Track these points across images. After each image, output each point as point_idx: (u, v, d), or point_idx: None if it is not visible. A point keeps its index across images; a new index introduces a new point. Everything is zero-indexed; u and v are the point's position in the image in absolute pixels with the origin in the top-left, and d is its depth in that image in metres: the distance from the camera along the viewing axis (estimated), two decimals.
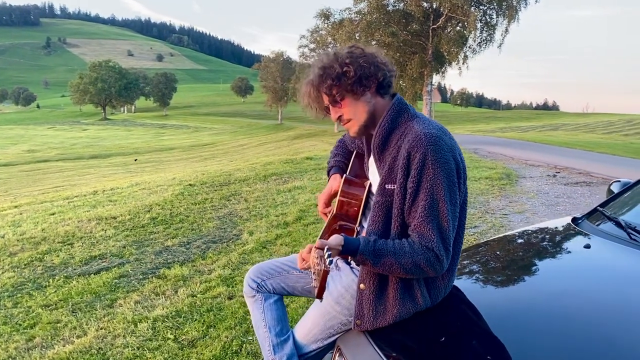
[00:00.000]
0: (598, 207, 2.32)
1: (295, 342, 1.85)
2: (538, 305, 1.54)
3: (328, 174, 2.11)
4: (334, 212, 1.82)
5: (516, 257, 1.99)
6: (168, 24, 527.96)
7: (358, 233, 1.80)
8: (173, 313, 3.81)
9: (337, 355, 1.72)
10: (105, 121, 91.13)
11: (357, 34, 22.31)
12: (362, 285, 1.66)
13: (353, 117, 1.70)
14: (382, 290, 1.64)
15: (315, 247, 1.46)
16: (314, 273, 1.40)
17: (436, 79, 24.38)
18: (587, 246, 1.85)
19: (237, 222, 6.76)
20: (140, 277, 4.72)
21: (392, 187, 1.62)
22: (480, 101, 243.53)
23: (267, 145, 38.29)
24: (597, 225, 2.13)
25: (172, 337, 3.41)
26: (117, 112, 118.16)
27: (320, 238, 1.68)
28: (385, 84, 1.69)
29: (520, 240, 2.21)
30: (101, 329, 3.60)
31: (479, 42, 21.79)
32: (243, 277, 4.50)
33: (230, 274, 4.63)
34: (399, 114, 1.68)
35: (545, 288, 1.65)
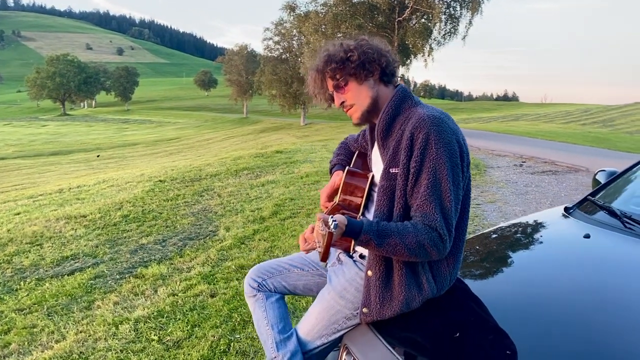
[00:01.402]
0: (588, 197, 2.36)
1: (298, 339, 1.82)
2: (550, 298, 1.55)
3: (330, 172, 2.10)
4: (337, 202, 1.80)
5: (518, 249, 2.01)
6: (128, 16, 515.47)
7: None
8: (155, 313, 3.71)
9: (345, 354, 1.69)
10: (64, 117, 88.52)
11: (324, 26, 22.25)
12: (369, 272, 1.66)
13: (356, 102, 1.71)
14: (388, 276, 1.64)
15: (317, 219, 1.45)
16: (318, 242, 1.42)
17: (402, 71, 24.53)
18: (587, 236, 1.88)
19: (212, 218, 6.66)
20: (117, 277, 4.59)
21: (396, 171, 1.62)
22: (442, 93, 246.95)
23: (233, 139, 37.92)
24: (591, 214, 2.16)
25: (156, 338, 3.32)
26: (76, 107, 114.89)
27: None
28: (389, 72, 1.72)
29: (517, 232, 2.22)
30: (81, 332, 3.48)
31: (444, 35, 22.04)
32: (224, 275, 4.47)
33: (211, 272, 4.55)
34: (403, 101, 1.70)
35: (555, 279, 1.66)
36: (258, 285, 1.97)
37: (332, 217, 1.42)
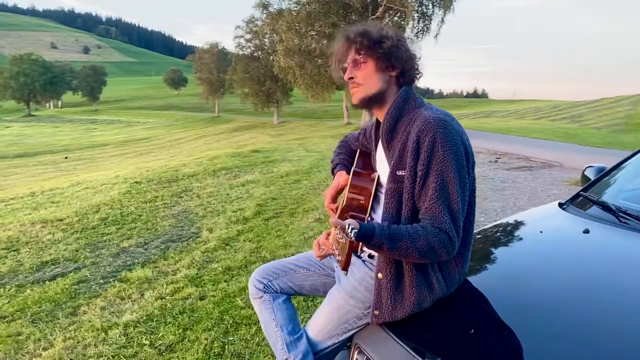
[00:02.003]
0: (581, 193, 2.41)
1: (309, 339, 1.81)
2: (562, 293, 1.58)
3: (332, 172, 2.09)
4: (344, 203, 1.80)
5: (521, 245, 2.04)
6: (94, 14, 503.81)
7: (368, 223, 1.79)
8: (144, 317, 3.65)
9: (357, 353, 1.70)
10: (29, 118, 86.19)
11: (297, 24, 22.21)
12: (379, 275, 1.66)
13: (365, 83, 1.70)
14: (399, 278, 1.64)
15: (333, 226, 1.45)
16: (336, 249, 1.40)
17: None
18: (586, 231, 1.92)
19: (194, 219, 6.58)
20: (101, 281, 4.50)
21: (403, 173, 1.63)
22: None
23: (205, 138, 37.57)
24: (585, 210, 2.21)
25: (147, 342, 3.27)
26: (42, 107, 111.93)
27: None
28: (407, 76, 1.71)
29: (518, 228, 2.26)
30: (69, 339, 3.40)
31: (417, 33, 22.27)
32: (211, 277, 4.43)
33: (197, 274, 4.50)
34: (406, 102, 1.70)
35: (563, 275, 1.69)
36: (264, 287, 1.95)
37: (349, 224, 1.41)
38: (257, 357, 3.02)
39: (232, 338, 3.26)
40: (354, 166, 2.02)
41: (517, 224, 2.33)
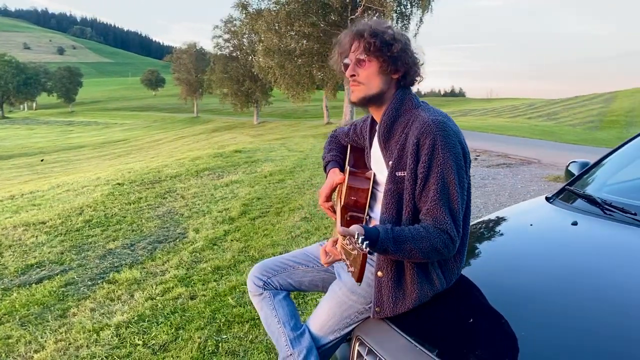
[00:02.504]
0: (566, 187, 2.50)
1: (311, 334, 1.85)
2: (555, 282, 1.65)
3: (325, 169, 2.11)
4: (342, 203, 1.83)
5: (513, 238, 2.11)
6: (68, 14, 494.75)
7: (367, 221, 1.83)
8: (135, 318, 3.66)
9: (358, 345, 1.74)
10: (3, 120, 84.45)
11: (277, 24, 22.19)
12: (379, 273, 1.69)
13: (366, 83, 1.71)
14: (399, 276, 1.68)
15: (341, 235, 1.45)
16: (347, 259, 1.40)
17: None
18: (575, 223, 2.00)
19: (179, 220, 6.57)
20: (89, 283, 4.48)
21: (403, 174, 1.66)
22: None
23: (184, 139, 37.25)
24: (571, 203, 2.29)
25: (140, 342, 3.28)
26: (16, 109, 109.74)
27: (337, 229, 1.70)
28: (409, 79, 1.74)
29: (508, 222, 2.34)
30: (60, 341, 3.39)
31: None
32: (200, 277, 4.44)
33: (186, 274, 4.51)
34: (402, 103, 1.72)
35: (555, 264, 1.76)
36: (264, 284, 1.99)
37: (357, 234, 1.40)
38: (252, 354, 3.05)
39: (225, 336, 3.29)
40: (347, 164, 2.05)
41: (508, 218, 2.40)
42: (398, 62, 1.68)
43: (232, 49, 42.20)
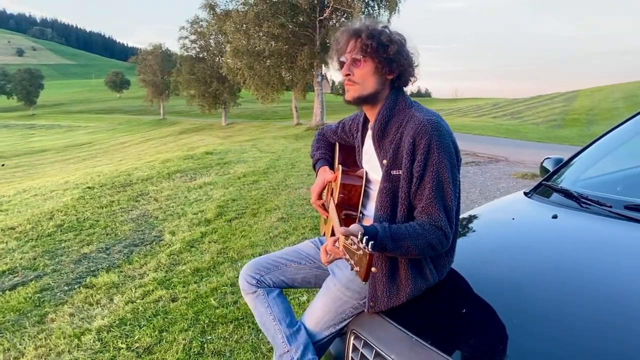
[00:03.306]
0: (543, 182, 2.59)
1: (307, 331, 1.88)
2: (541, 273, 1.72)
3: (314, 167, 2.14)
4: (336, 202, 1.87)
5: (497, 232, 2.19)
6: (27, 15, 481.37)
7: (360, 219, 1.87)
8: (117, 321, 3.62)
9: (353, 338, 1.78)
10: None
11: (245, 25, 22.09)
12: (373, 269, 1.72)
13: (360, 83, 1.74)
14: (393, 271, 1.73)
15: (342, 235, 1.47)
16: (351, 259, 1.42)
17: (323, 69, 24.85)
18: (555, 216, 2.09)
19: (154, 223, 6.50)
20: (66, 288, 4.41)
21: (398, 173, 1.70)
22: None
23: (151, 141, 36.77)
24: (549, 197, 2.39)
25: (124, 346, 3.25)
26: None
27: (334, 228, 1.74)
28: (402, 81, 1.77)
29: (489, 217, 2.41)
30: (40, 347, 3.33)
31: None
32: (180, 279, 4.42)
33: (165, 277, 4.48)
34: (396, 103, 1.77)
35: (541, 255, 1.84)
36: (257, 282, 2.00)
37: (362, 232, 1.43)
38: (238, 354, 3.06)
39: (210, 337, 3.29)
40: (337, 162, 2.09)
41: (489, 213, 2.49)
42: (393, 63, 1.71)
43: (198, 50, 41.89)
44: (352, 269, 1.42)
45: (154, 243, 5.61)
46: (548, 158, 2.97)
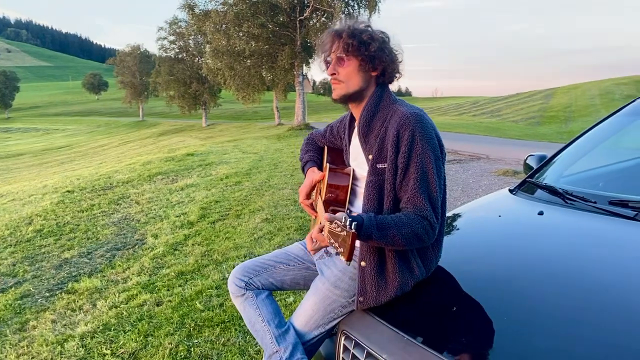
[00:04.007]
0: (527, 179, 2.62)
1: (296, 331, 1.87)
2: (530, 268, 1.74)
3: (303, 170, 2.15)
4: (324, 199, 1.87)
5: (484, 229, 2.19)
6: (1, 17, 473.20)
7: None
8: (100, 327, 3.56)
9: (344, 339, 1.78)
10: None
11: (225, 25, 21.96)
12: (362, 263, 1.74)
13: (346, 81, 1.78)
14: (381, 265, 1.74)
15: (327, 220, 1.49)
16: (335, 242, 1.44)
17: (304, 69, 24.82)
18: (541, 213, 2.11)
19: (136, 226, 6.42)
20: (47, 294, 4.32)
21: (384, 166, 1.73)
22: None
23: (130, 144, 36.30)
24: (534, 194, 2.41)
25: (109, 352, 3.20)
26: None
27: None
28: (387, 76, 1.80)
29: (476, 214, 2.42)
30: (22, 355, 3.26)
31: None
32: (164, 282, 4.37)
33: (149, 280, 4.42)
34: (381, 99, 1.80)
35: (529, 251, 1.86)
36: (245, 285, 1.99)
37: (346, 217, 1.46)
38: (225, 357, 3.03)
39: (196, 340, 3.26)
40: (326, 162, 2.09)
41: (475, 211, 2.50)
42: (376, 60, 1.75)
43: (177, 50, 41.49)
44: (336, 253, 1.44)
45: (137, 247, 5.54)
46: (531, 155, 3.00)
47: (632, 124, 2.90)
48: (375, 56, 1.74)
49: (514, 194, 2.53)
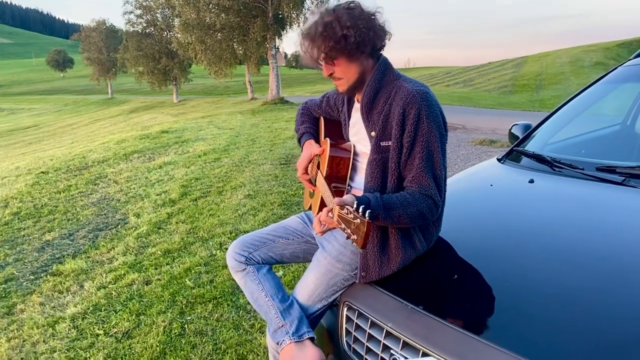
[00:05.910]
0: (514, 148, 2.67)
1: (299, 305, 1.89)
2: (526, 235, 1.80)
3: (299, 141, 2.14)
4: (324, 175, 1.87)
5: (478, 199, 2.23)
6: None
7: (348, 191, 1.89)
8: (90, 308, 3.55)
9: (346, 309, 1.81)
10: None
11: None
12: None
13: (344, 76, 1.75)
14: (384, 241, 1.76)
15: (338, 205, 1.48)
16: (348, 228, 1.43)
17: (277, 42, 24.46)
18: (531, 181, 2.16)
19: (116, 206, 6.34)
20: (31, 277, 4.28)
21: (388, 144, 1.72)
22: None
23: (100, 122, 35.47)
24: (522, 163, 2.47)
25: (101, 332, 3.20)
26: None
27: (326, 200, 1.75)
28: (379, 48, 1.77)
29: (467, 184, 2.46)
30: (13, 338, 3.24)
31: (317, 4, 22.30)
32: (151, 261, 4.36)
33: (136, 260, 4.40)
34: (384, 74, 1.77)
35: (523, 218, 1.92)
36: (245, 259, 1.99)
37: (357, 203, 1.45)
38: (220, 332, 3.06)
39: (190, 317, 3.28)
40: (323, 135, 2.09)
41: (466, 180, 2.54)
42: (360, 44, 1.68)
43: (145, 25, 40.38)
44: (348, 238, 1.44)
45: (119, 226, 5.49)
46: (516, 124, 3.05)
47: (612, 92, 2.97)
48: (358, 42, 1.66)
49: (502, 163, 2.58)
